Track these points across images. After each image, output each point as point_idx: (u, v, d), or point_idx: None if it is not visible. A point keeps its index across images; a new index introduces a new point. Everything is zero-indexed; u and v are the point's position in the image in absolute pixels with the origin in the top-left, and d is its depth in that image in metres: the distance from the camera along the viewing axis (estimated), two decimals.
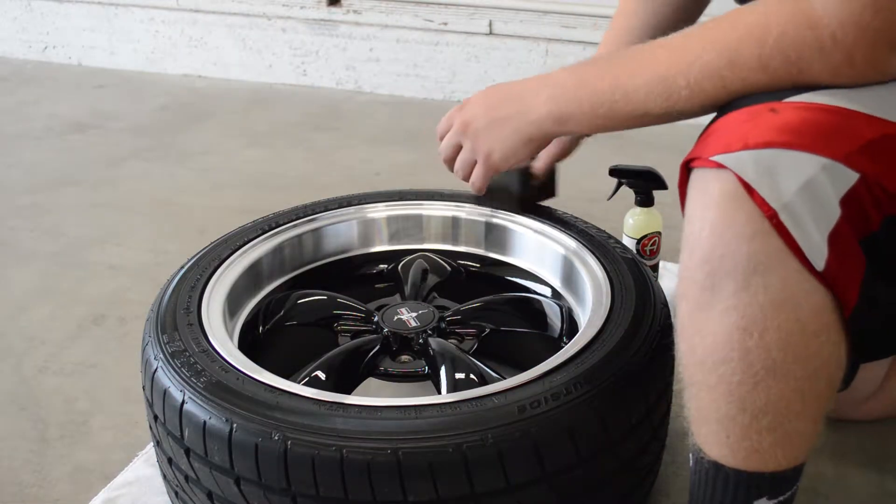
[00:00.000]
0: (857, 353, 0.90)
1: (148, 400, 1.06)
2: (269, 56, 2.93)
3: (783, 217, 0.78)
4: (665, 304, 1.14)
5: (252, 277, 1.27)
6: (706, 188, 0.82)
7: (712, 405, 0.85)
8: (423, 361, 1.18)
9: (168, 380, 1.02)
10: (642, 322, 1.07)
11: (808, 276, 0.79)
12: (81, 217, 2.09)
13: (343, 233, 1.37)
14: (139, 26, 3.05)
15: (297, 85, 2.92)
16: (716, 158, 0.81)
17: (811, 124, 0.81)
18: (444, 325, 1.23)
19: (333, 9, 2.83)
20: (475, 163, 1.20)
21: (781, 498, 0.89)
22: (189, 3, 2.96)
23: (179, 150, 2.48)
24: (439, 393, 1.10)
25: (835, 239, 0.80)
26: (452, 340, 1.22)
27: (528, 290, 1.34)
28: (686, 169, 0.86)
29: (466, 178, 1.24)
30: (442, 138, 1.25)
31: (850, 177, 0.80)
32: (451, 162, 1.25)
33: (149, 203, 2.15)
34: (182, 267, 1.22)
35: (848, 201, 0.80)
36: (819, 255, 0.79)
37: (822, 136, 0.80)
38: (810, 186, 0.78)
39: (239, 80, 2.96)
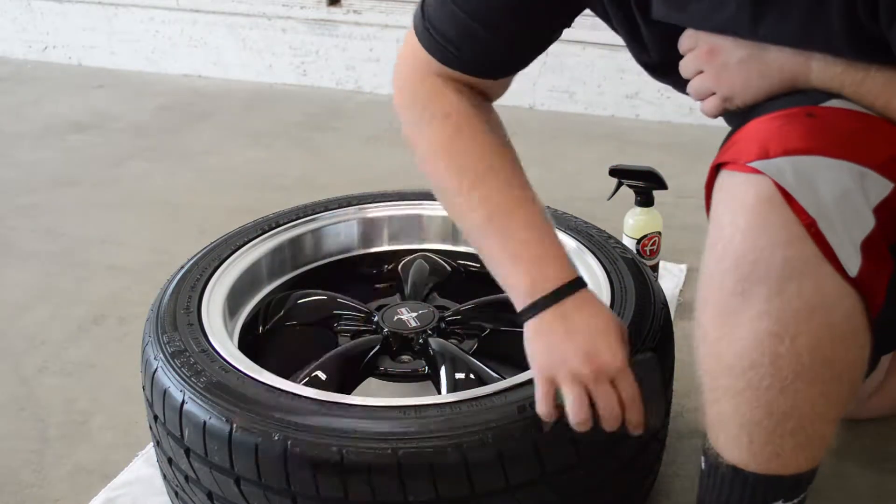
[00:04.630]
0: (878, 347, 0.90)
1: (148, 400, 1.06)
2: (269, 56, 2.93)
3: (822, 225, 0.79)
4: (665, 304, 1.14)
5: (252, 277, 1.27)
6: (738, 193, 0.81)
7: (736, 410, 0.84)
8: (423, 361, 1.18)
9: (168, 380, 1.02)
10: (642, 322, 1.07)
11: (840, 282, 0.80)
12: (81, 217, 2.08)
13: (343, 233, 1.37)
14: (139, 26, 3.05)
15: (297, 85, 2.92)
16: (754, 164, 0.80)
17: (848, 131, 0.81)
18: (444, 325, 1.23)
19: (333, 9, 2.83)
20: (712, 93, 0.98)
21: (796, 500, 0.89)
22: (189, 3, 2.96)
23: (179, 150, 2.47)
24: (439, 393, 1.10)
25: (868, 246, 0.80)
26: (452, 340, 1.21)
27: None
28: (714, 171, 0.85)
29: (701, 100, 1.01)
30: (685, 52, 0.99)
31: (885, 186, 0.81)
32: (690, 79, 1.00)
33: (149, 203, 2.15)
34: (182, 267, 1.22)
35: (881, 209, 0.81)
36: (853, 262, 0.80)
37: (859, 144, 0.81)
38: (847, 195, 0.79)
39: (239, 80, 2.96)
